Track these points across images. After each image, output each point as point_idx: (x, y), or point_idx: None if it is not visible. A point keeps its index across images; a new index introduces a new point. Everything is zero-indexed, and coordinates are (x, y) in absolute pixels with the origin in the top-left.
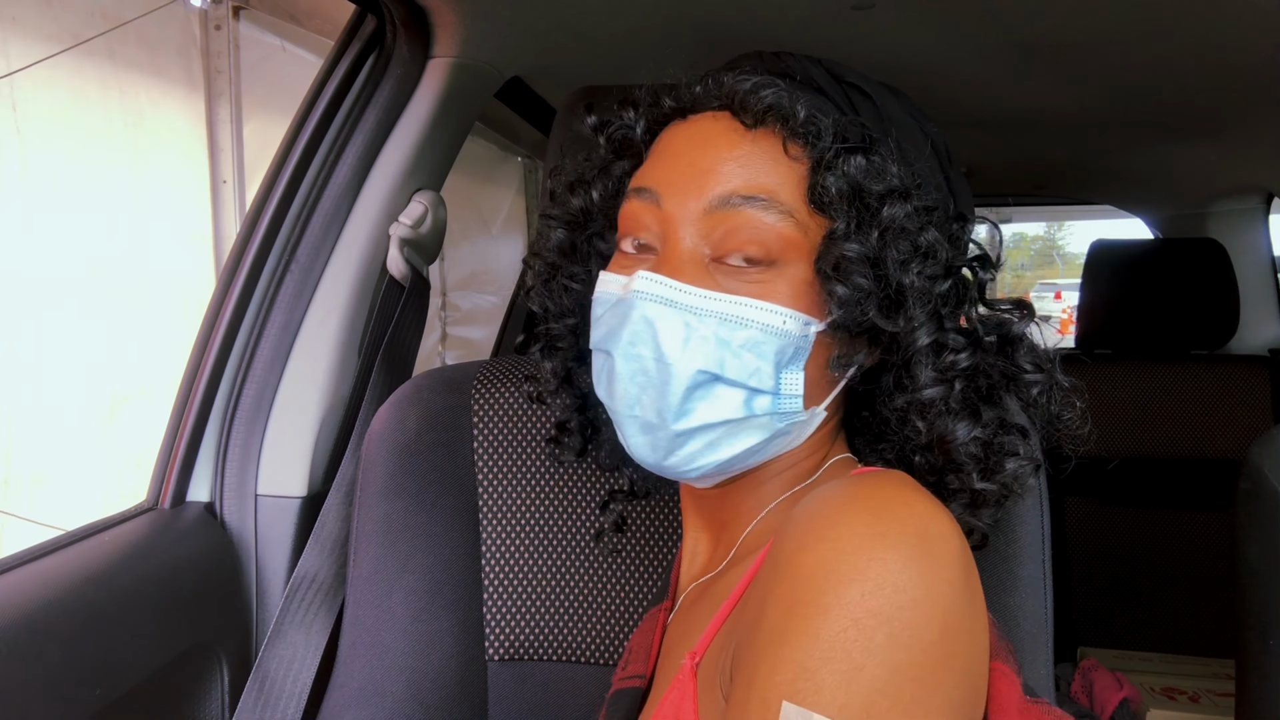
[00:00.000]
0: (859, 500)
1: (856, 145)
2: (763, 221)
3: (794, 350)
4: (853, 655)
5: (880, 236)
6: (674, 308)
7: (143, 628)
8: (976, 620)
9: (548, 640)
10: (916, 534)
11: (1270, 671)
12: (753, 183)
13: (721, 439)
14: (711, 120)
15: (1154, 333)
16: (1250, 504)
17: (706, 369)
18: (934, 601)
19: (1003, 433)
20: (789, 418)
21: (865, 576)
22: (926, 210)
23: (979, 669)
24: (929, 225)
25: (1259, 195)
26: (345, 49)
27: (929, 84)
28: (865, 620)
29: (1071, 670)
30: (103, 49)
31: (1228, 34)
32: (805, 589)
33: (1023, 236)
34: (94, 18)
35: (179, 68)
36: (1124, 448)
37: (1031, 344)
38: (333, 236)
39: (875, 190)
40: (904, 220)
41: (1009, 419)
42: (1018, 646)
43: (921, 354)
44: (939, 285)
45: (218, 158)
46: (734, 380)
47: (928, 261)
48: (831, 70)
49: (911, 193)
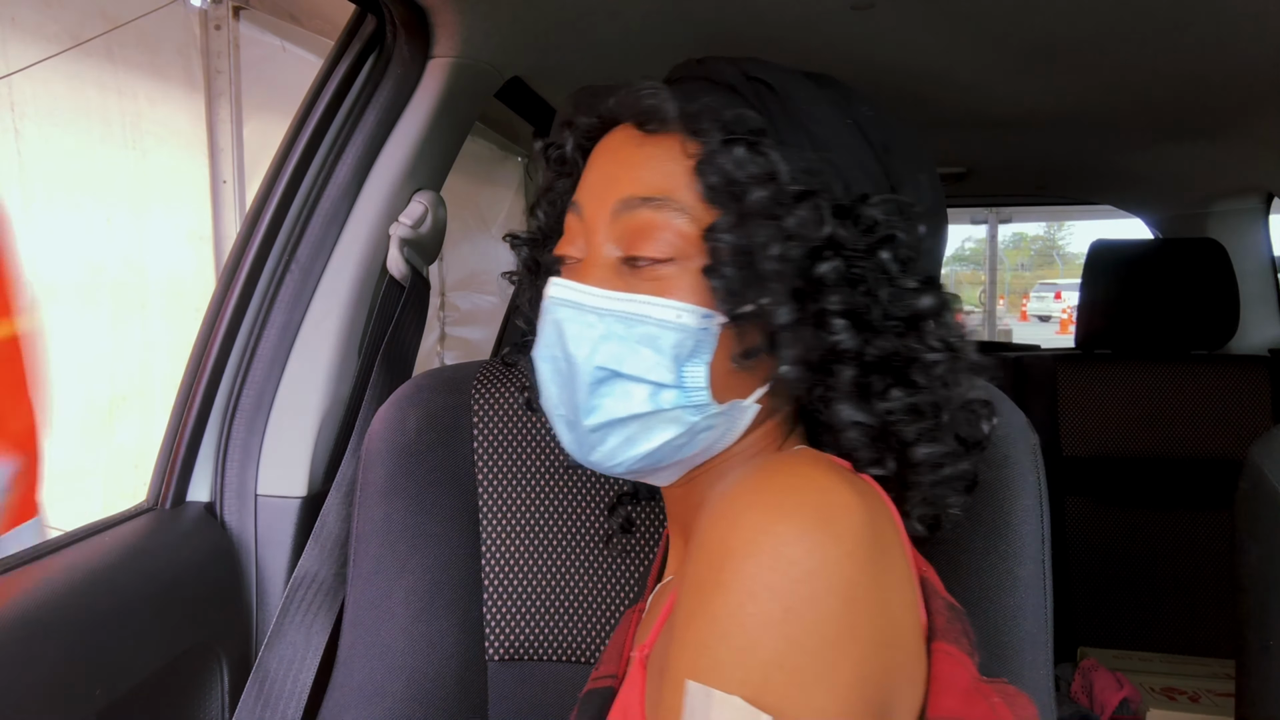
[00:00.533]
0: (761, 478)
1: (739, 137)
2: (660, 221)
3: (694, 344)
4: (748, 630)
5: (746, 224)
6: (579, 309)
7: (143, 628)
8: (891, 594)
9: (548, 640)
10: (814, 507)
11: (1270, 672)
12: (651, 185)
13: (637, 434)
14: (623, 131)
15: (1154, 333)
16: (1250, 504)
17: (605, 365)
18: (831, 574)
19: (911, 418)
20: (702, 410)
21: (760, 551)
22: (804, 195)
23: (899, 643)
24: (798, 208)
25: (1259, 195)
26: (345, 49)
27: (929, 84)
28: (760, 595)
29: (1071, 670)
30: (102, 49)
31: (1228, 34)
32: (705, 568)
33: (1023, 236)
34: (93, 18)
35: (179, 68)
36: (1124, 448)
37: (948, 324)
38: (333, 236)
39: (741, 179)
40: (765, 205)
41: (922, 403)
42: (1018, 646)
43: (783, 335)
44: (818, 267)
45: (218, 158)
46: (634, 375)
47: (790, 243)
48: (743, 68)
49: (780, 178)
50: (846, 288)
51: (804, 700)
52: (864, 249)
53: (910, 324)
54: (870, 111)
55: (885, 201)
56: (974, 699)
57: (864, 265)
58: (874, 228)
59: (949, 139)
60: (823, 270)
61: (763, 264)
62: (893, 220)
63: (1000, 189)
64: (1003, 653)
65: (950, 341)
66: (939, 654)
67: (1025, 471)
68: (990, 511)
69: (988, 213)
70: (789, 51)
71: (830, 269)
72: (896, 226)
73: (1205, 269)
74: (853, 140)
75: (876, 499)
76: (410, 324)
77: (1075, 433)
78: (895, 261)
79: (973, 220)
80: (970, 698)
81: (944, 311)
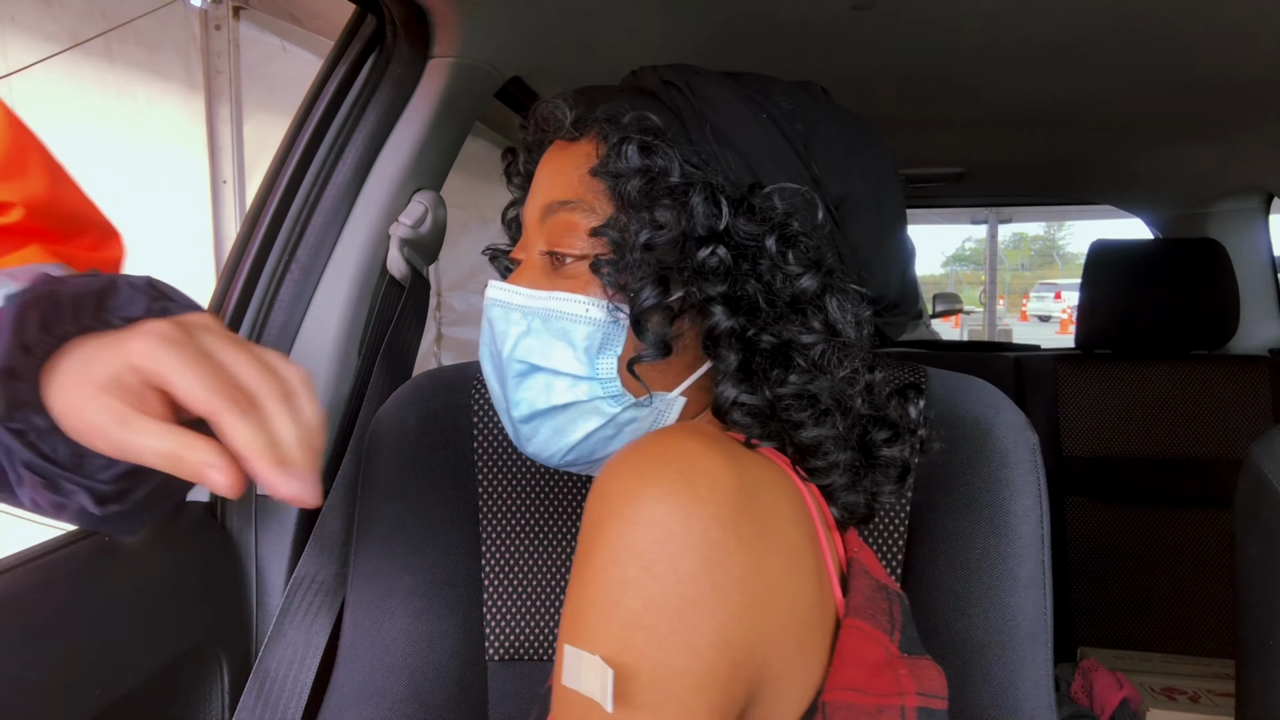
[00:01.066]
0: (631, 448)
1: (632, 137)
2: (574, 222)
3: (604, 337)
4: (610, 592)
5: (623, 216)
6: (506, 308)
7: (143, 628)
8: (769, 561)
9: (548, 640)
10: (678, 472)
11: (1270, 671)
12: (567, 189)
13: (564, 425)
14: (556, 143)
15: (1154, 333)
16: (1250, 504)
17: (525, 359)
18: (692, 534)
19: (798, 400)
20: (620, 401)
21: (623, 515)
22: (684, 186)
23: (775, 609)
24: (674, 199)
25: (1259, 195)
26: (345, 49)
27: (929, 84)
28: (621, 556)
29: (1071, 670)
30: (102, 49)
31: (1228, 34)
32: (582, 539)
33: (1023, 236)
34: (93, 18)
35: (179, 67)
36: (1124, 447)
37: (831, 307)
38: (333, 236)
39: (624, 174)
40: (637, 197)
41: (806, 386)
42: (1018, 646)
43: (649, 319)
44: (699, 254)
45: (218, 158)
46: (551, 369)
47: (660, 232)
48: (663, 74)
49: (654, 171)
50: (730, 274)
51: (664, 659)
52: (752, 236)
53: (793, 307)
54: (790, 106)
55: (783, 190)
56: (880, 671)
57: (751, 252)
58: (769, 217)
59: (949, 139)
60: (702, 256)
61: (633, 253)
62: (789, 209)
63: (1000, 189)
64: (1003, 653)
65: (832, 323)
66: (848, 629)
67: (1025, 471)
68: (990, 511)
69: (988, 213)
70: (789, 51)
71: (709, 255)
72: (791, 215)
73: (1205, 269)
74: (765, 134)
75: (765, 471)
76: (410, 324)
77: (1075, 432)
78: (784, 247)
79: (973, 220)
80: (877, 670)
81: (827, 294)
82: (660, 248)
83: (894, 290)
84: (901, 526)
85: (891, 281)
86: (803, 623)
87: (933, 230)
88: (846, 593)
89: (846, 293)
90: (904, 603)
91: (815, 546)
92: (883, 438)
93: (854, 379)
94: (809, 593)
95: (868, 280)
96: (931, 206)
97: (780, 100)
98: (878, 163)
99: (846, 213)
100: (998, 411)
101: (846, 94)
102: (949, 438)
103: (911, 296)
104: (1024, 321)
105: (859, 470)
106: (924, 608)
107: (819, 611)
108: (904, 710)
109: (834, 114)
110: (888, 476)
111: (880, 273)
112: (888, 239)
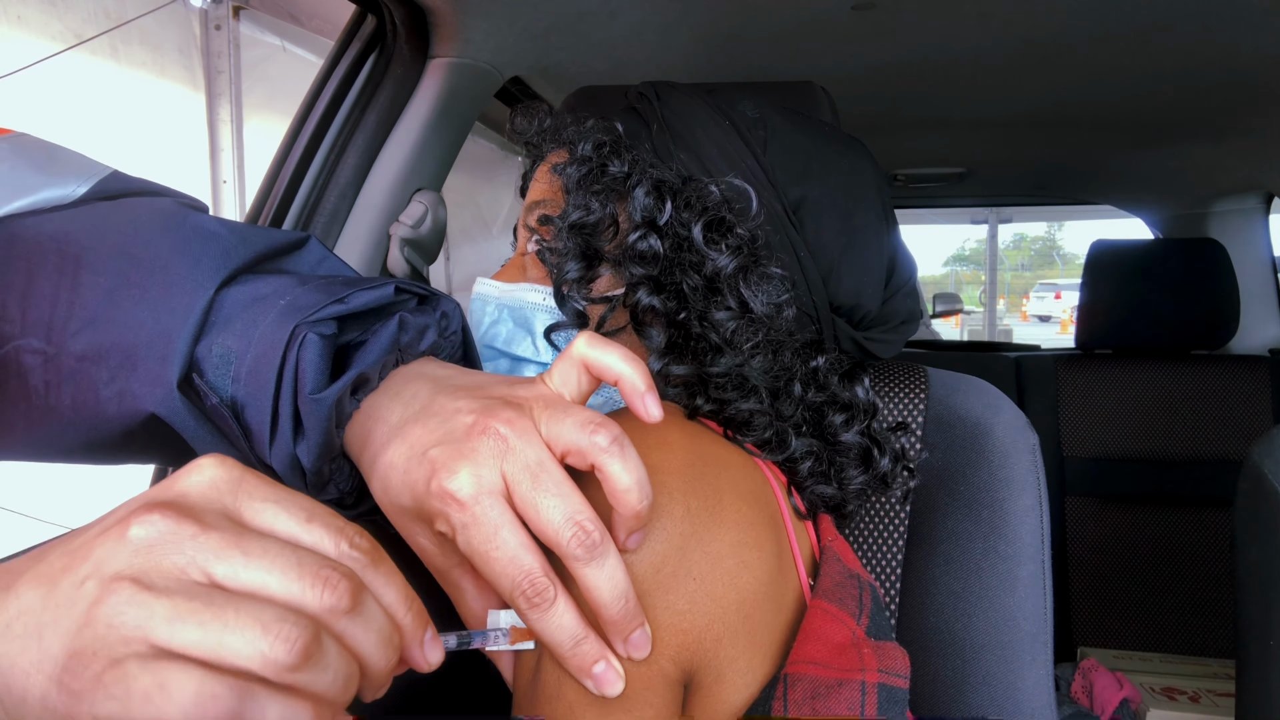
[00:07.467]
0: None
1: (591, 138)
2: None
3: (560, 323)
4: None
5: (565, 207)
6: (483, 300)
7: None
8: (709, 531)
9: None
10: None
11: (1270, 672)
12: (541, 191)
13: None
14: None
15: (1154, 333)
16: (1250, 504)
17: (492, 345)
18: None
19: (726, 380)
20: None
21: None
22: (621, 177)
23: (715, 580)
24: (605, 186)
25: (1259, 195)
26: (345, 49)
27: (929, 84)
28: None
29: (1071, 670)
30: (104, 48)
31: (1228, 34)
32: None
33: (1023, 236)
34: (96, 17)
35: (179, 67)
36: (1124, 448)
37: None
38: (333, 236)
39: (569, 171)
40: (572, 186)
41: (736, 365)
42: (1018, 646)
43: (564, 289)
44: (629, 238)
45: (218, 158)
46: (517, 355)
47: (587, 214)
48: (640, 88)
49: (596, 164)
50: (661, 260)
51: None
52: (685, 224)
53: (710, 286)
54: (755, 114)
55: (729, 186)
56: (845, 650)
57: (685, 241)
58: (706, 207)
59: (948, 139)
60: (632, 240)
61: (561, 234)
62: (732, 202)
63: (1000, 189)
64: (1003, 653)
65: (745, 301)
66: (814, 610)
67: (1025, 471)
68: (990, 511)
69: (988, 213)
70: (789, 51)
71: (639, 240)
72: (726, 206)
73: (1205, 269)
74: (724, 137)
75: (723, 450)
76: None
77: (1075, 433)
78: (713, 234)
79: (973, 220)
80: (842, 649)
81: (742, 274)
82: (590, 230)
83: (869, 301)
84: (901, 527)
85: (865, 292)
86: (751, 597)
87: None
88: (817, 578)
89: (768, 276)
90: (875, 592)
91: (778, 528)
92: (839, 420)
93: (779, 357)
94: (760, 569)
95: (834, 285)
96: (931, 206)
97: (746, 109)
98: (847, 171)
99: (805, 215)
100: (998, 412)
101: (846, 94)
102: (949, 438)
103: (899, 313)
104: (1024, 321)
105: (820, 456)
106: (924, 608)
107: (775, 588)
108: (865, 685)
109: (801, 124)
110: (850, 460)
111: (849, 279)
112: (856, 247)
